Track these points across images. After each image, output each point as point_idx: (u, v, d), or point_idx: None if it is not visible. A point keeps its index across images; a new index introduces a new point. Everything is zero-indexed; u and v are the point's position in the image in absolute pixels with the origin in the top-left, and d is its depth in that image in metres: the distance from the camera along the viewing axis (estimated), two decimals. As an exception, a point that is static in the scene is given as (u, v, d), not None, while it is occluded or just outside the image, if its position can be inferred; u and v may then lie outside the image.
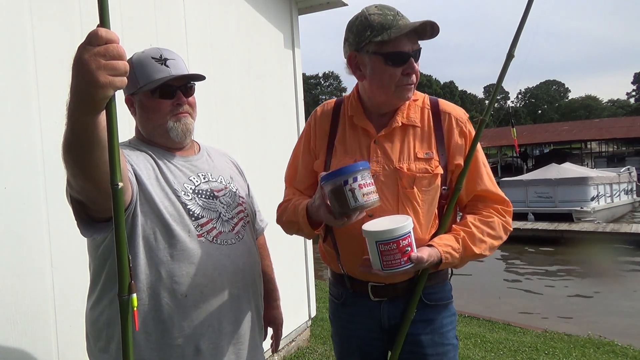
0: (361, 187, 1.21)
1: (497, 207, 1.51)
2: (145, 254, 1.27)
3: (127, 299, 0.84)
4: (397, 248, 1.29)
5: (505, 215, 1.50)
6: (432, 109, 1.53)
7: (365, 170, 1.24)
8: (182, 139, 1.41)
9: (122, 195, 0.85)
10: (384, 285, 1.50)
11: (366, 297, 1.52)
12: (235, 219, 1.45)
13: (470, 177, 1.50)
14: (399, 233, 1.28)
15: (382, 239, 1.29)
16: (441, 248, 1.40)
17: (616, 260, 10.67)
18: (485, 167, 1.53)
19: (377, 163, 1.48)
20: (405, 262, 1.30)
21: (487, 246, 1.45)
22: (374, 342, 1.55)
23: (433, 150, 1.48)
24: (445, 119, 1.51)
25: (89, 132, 0.91)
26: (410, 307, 1.46)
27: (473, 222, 1.46)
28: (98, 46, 0.82)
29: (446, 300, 1.55)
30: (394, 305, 1.50)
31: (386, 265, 1.31)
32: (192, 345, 1.30)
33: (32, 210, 1.85)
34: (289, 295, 3.74)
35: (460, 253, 1.42)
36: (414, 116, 1.51)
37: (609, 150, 43.68)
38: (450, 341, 1.53)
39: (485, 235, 1.45)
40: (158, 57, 1.39)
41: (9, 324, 1.75)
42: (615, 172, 18.78)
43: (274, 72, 3.71)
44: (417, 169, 1.45)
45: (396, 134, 1.50)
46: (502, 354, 4.13)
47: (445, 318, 1.53)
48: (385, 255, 1.30)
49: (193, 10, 2.81)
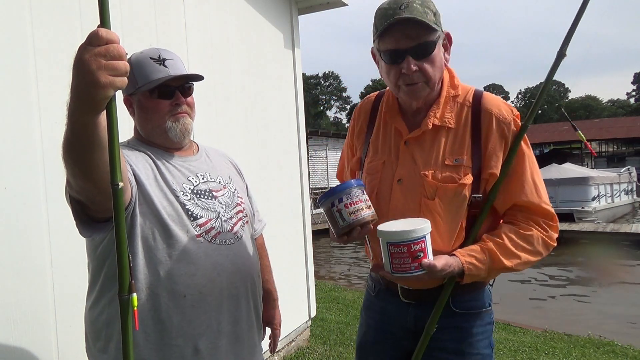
0: (347, 206, 1.25)
1: (539, 220, 1.36)
2: (144, 254, 1.27)
3: (128, 299, 0.84)
4: (408, 252, 1.23)
5: (549, 230, 1.36)
6: (474, 106, 1.37)
7: (351, 189, 1.27)
8: (181, 139, 1.42)
9: (123, 195, 0.85)
10: (412, 289, 1.44)
11: (397, 296, 1.47)
12: (234, 219, 1.45)
13: (510, 185, 1.35)
14: (411, 236, 1.22)
15: (392, 240, 1.25)
16: (463, 258, 1.30)
17: (616, 260, 10.67)
18: (532, 176, 1.36)
19: (404, 167, 1.40)
20: (416, 267, 1.23)
21: (520, 261, 1.33)
22: (400, 341, 1.50)
23: (465, 156, 1.34)
24: (485, 119, 1.35)
25: (89, 131, 0.91)
26: (434, 314, 1.37)
27: (507, 234, 1.34)
28: (99, 46, 0.82)
29: (478, 309, 1.43)
30: (422, 309, 1.42)
31: (395, 269, 1.26)
32: (191, 345, 1.30)
33: (32, 210, 1.85)
34: (289, 296, 3.74)
35: (486, 265, 1.31)
36: (449, 116, 1.37)
37: (609, 150, 43.66)
38: (480, 351, 1.42)
39: (520, 250, 1.33)
40: (156, 57, 1.39)
41: (9, 324, 1.75)
42: (615, 172, 18.80)
43: (274, 72, 3.71)
44: (442, 177, 1.33)
45: (427, 135, 1.38)
46: (502, 354, 4.13)
47: (478, 327, 1.42)
48: (395, 257, 1.26)
49: (193, 11, 2.81)
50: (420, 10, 1.26)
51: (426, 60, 1.30)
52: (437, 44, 1.31)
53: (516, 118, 1.37)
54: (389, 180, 1.42)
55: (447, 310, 1.39)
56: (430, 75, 1.32)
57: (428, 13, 1.27)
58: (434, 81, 1.34)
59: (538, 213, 1.37)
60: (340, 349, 3.98)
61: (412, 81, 1.32)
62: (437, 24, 1.29)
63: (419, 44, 1.28)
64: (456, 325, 1.42)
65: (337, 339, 4.27)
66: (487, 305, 1.46)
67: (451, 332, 1.41)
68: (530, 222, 1.36)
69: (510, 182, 1.36)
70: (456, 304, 1.41)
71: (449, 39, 1.37)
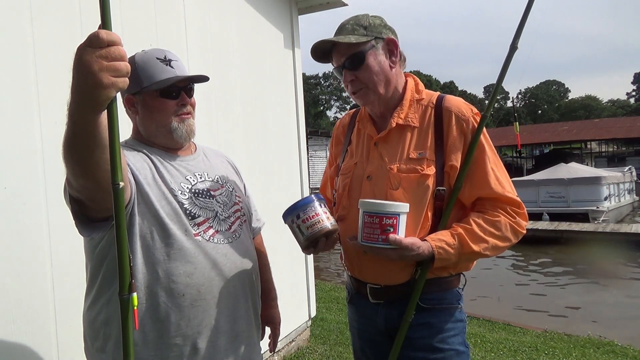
0: (304, 221, 1.37)
1: (506, 207, 1.44)
2: (143, 254, 1.28)
3: (128, 298, 0.84)
4: (379, 224, 1.33)
5: (516, 217, 1.43)
6: (436, 107, 1.49)
7: (307, 205, 1.38)
8: (186, 139, 1.43)
9: (123, 194, 0.86)
10: (380, 288, 1.50)
11: (367, 299, 1.54)
12: (232, 217, 1.46)
13: (473, 179, 1.44)
14: (384, 209, 1.33)
15: (367, 209, 1.36)
16: (434, 242, 1.37)
17: (616, 260, 10.67)
18: (494, 168, 1.44)
19: (373, 165, 1.51)
20: (383, 240, 1.33)
21: (488, 245, 1.40)
22: (377, 343, 1.56)
23: (428, 150, 1.44)
24: (446, 117, 1.46)
25: (90, 131, 0.92)
26: (407, 309, 1.43)
27: (475, 220, 1.42)
28: (100, 48, 0.83)
29: (447, 304, 1.49)
30: (391, 309, 1.49)
31: (365, 238, 1.36)
32: (190, 344, 1.31)
33: (32, 210, 1.85)
34: (289, 295, 3.75)
35: (455, 249, 1.38)
36: (413, 116, 1.49)
37: (609, 150, 43.69)
38: (453, 347, 1.47)
39: (488, 235, 1.40)
40: (162, 57, 1.39)
41: (9, 324, 1.75)
42: (620, 171, 18.77)
43: (274, 72, 3.71)
44: (405, 169, 1.44)
45: (393, 135, 1.51)
46: (502, 354, 4.13)
47: (448, 323, 1.48)
48: (367, 227, 1.35)
49: (193, 11, 2.81)
50: (349, 29, 1.45)
51: (360, 69, 1.45)
52: (369, 52, 1.45)
53: (475, 116, 1.47)
54: (359, 177, 1.54)
55: (417, 307, 1.45)
56: (367, 81, 1.46)
57: (357, 29, 1.45)
58: (374, 84, 1.47)
59: (504, 201, 1.45)
60: (340, 349, 3.98)
61: (353, 89, 1.49)
62: (367, 35, 1.44)
63: (347, 58, 1.45)
64: (425, 321, 1.47)
65: (337, 339, 4.27)
66: (455, 303, 1.51)
67: (421, 329, 1.46)
68: (497, 209, 1.44)
69: (473, 175, 1.45)
70: (424, 300, 1.46)
71: (394, 43, 1.49)
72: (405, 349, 1.46)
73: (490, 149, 1.47)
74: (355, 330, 1.65)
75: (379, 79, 1.47)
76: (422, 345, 1.46)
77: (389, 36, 1.48)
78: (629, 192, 18.86)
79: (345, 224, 1.51)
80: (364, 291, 1.54)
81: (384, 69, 1.47)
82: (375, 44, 1.45)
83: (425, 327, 1.47)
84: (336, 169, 1.68)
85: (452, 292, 1.51)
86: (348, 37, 1.43)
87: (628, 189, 18.77)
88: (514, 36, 1.50)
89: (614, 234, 12.58)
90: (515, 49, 1.50)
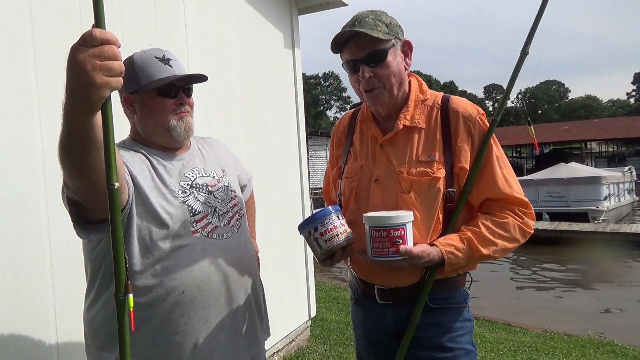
0: (322, 234, 1.35)
1: (514, 207, 1.43)
2: (141, 254, 1.28)
3: (124, 299, 0.84)
4: (387, 237, 1.31)
5: (524, 217, 1.44)
6: (442, 108, 1.47)
7: (325, 217, 1.35)
8: (185, 137, 1.43)
9: (119, 195, 0.85)
10: (389, 289, 1.49)
11: (374, 300, 1.52)
12: (230, 212, 1.47)
13: (481, 180, 1.44)
14: (391, 222, 1.31)
15: (374, 225, 1.34)
16: (443, 247, 1.37)
17: (616, 260, 10.67)
18: (502, 169, 1.44)
19: (381, 167, 1.49)
20: (394, 252, 1.31)
21: (497, 248, 1.40)
22: (384, 344, 1.55)
23: (437, 152, 1.43)
24: (453, 118, 1.45)
25: (85, 132, 0.91)
26: (415, 310, 1.43)
27: (484, 222, 1.41)
28: (93, 47, 0.82)
29: (455, 304, 1.48)
30: (399, 309, 1.48)
31: (375, 253, 1.34)
32: (191, 340, 1.31)
33: (32, 210, 1.85)
34: (289, 295, 3.75)
35: (465, 253, 1.38)
36: (419, 117, 1.47)
37: (609, 150, 43.68)
38: (462, 346, 1.46)
39: (496, 237, 1.39)
40: (161, 57, 1.39)
41: (9, 324, 1.75)
42: (620, 171, 18.77)
43: (274, 72, 3.71)
44: (416, 172, 1.42)
45: (400, 137, 1.48)
46: (502, 354, 4.13)
47: (456, 322, 1.47)
48: (376, 242, 1.34)
49: (193, 11, 2.81)
50: (371, 24, 1.39)
51: (379, 66, 1.41)
52: (390, 51, 1.41)
53: (482, 116, 1.47)
54: (366, 181, 1.51)
55: (424, 307, 1.44)
56: (385, 80, 1.43)
57: (379, 25, 1.40)
58: (391, 85, 1.44)
59: (512, 202, 1.44)
60: (340, 349, 3.98)
61: (369, 87, 1.44)
62: (389, 33, 1.40)
63: (370, 53, 1.40)
64: (434, 321, 1.46)
65: (337, 339, 4.27)
66: (463, 302, 1.50)
67: (430, 329, 1.45)
68: (505, 210, 1.44)
69: (481, 177, 1.44)
70: (432, 300, 1.45)
71: (409, 45, 1.48)
72: (414, 348, 1.44)
73: (498, 149, 1.47)
74: (361, 331, 1.63)
75: (395, 80, 1.44)
76: (431, 344, 1.45)
77: (405, 38, 1.47)
78: (628, 192, 18.87)
79: (353, 228, 1.47)
80: (371, 292, 1.52)
81: (400, 70, 1.45)
82: (395, 44, 1.43)
83: (434, 326, 1.46)
84: (338, 171, 1.66)
85: (459, 292, 1.51)
86: (374, 32, 1.37)
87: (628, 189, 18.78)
88: (525, 42, 1.48)
89: (613, 234, 12.58)
90: (526, 54, 1.48)
